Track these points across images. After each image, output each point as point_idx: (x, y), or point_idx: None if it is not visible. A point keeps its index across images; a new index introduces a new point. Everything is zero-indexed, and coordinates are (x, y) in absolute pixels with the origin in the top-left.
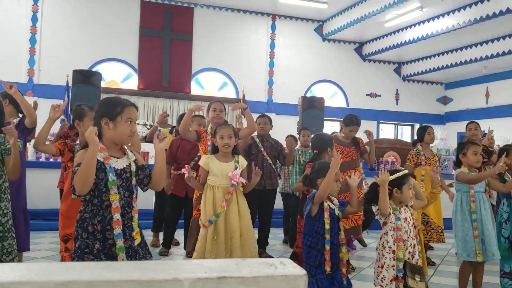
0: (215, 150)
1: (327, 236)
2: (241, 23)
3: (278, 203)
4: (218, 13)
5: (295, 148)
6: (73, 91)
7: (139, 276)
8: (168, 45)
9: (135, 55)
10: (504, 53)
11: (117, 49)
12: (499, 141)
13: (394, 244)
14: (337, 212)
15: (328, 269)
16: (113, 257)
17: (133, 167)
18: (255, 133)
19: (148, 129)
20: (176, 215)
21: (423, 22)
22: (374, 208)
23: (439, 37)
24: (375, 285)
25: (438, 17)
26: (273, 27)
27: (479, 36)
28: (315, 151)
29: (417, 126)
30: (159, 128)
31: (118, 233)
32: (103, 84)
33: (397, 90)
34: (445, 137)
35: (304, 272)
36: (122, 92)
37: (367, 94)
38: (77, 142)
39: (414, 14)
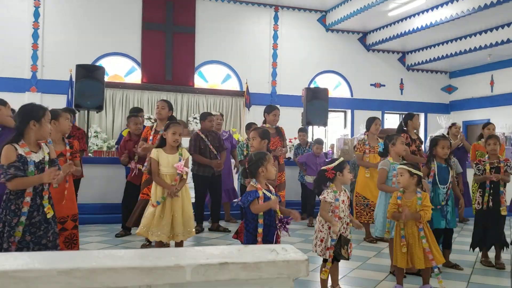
0: (162, 143)
1: (260, 221)
2: (243, 15)
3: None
4: (220, 5)
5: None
6: (76, 86)
7: (141, 263)
8: (171, 38)
9: (138, 49)
10: (508, 41)
11: (120, 43)
12: (504, 129)
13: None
14: (273, 198)
15: None
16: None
17: (47, 158)
18: (199, 129)
19: (152, 122)
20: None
21: (427, 10)
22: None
23: (443, 26)
24: (313, 252)
25: (441, 5)
26: (276, 18)
27: (483, 24)
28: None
29: (422, 115)
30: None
31: (24, 211)
32: (106, 79)
33: (401, 79)
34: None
35: (305, 257)
36: (126, 86)
37: (371, 84)
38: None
39: (417, 3)
